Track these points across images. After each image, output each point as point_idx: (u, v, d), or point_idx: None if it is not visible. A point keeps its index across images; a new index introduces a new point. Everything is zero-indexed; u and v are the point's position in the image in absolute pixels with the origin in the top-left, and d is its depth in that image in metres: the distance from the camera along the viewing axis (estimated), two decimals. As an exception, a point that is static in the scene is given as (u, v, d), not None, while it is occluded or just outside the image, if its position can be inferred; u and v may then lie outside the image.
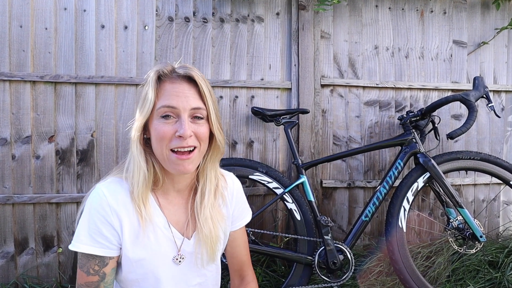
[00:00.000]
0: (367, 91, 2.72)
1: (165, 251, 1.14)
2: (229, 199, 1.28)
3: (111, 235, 1.08)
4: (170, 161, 1.07)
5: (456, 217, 2.29)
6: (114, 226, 1.08)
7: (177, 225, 1.17)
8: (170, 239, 1.15)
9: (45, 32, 2.26)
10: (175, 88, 1.06)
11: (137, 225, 1.10)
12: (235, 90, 2.52)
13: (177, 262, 1.16)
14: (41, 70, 2.26)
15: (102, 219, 1.06)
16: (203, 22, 2.48)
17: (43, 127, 2.27)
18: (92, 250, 1.06)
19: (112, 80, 2.33)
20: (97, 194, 1.08)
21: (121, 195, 1.09)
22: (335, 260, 2.14)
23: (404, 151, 2.31)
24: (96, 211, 1.06)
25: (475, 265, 2.53)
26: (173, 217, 1.17)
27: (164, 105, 1.04)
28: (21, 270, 2.27)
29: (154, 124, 1.07)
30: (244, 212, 1.36)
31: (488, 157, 2.37)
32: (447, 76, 2.83)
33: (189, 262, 1.18)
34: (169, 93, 1.06)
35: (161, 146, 1.06)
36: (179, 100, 1.05)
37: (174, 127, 1.05)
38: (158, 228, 1.13)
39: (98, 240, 1.06)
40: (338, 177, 2.69)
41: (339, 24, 2.67)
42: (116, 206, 1.07)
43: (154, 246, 1.12)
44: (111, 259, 1.10)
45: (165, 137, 1.04)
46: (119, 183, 1.11)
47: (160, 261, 1.14)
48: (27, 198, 2.23)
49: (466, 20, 2.85)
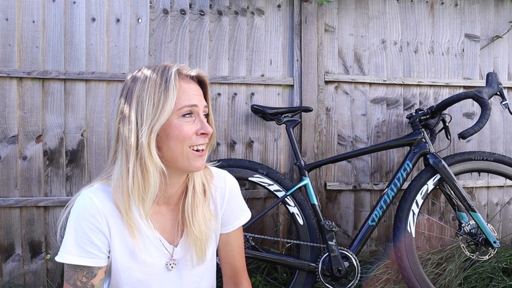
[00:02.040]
0: (373, 88, 2.71)
1: (155, 260, 1.16)
2: (219, 199, 1.30)
3: (101, 243, 1.09)
4: (190, 158, 1.10)
5: (468, 221, 2.29)
6: (104, 233, 1.09)
7: (164, 233, 1.20)
8: (159, 248, 1.17)
9: (32, 25, 2.26)
10: (191, 88, 1.12)
11: (125, 234, 1.11)
12: (234, 86, 2.52)
13: (170, 268, 1.19)
14: (28, 66, 2.26)
15: (91, 226, 1.07)
16: (200, 15, 2.48)
17: (30, 126, 2.27)
18: (81, 261, 1.06)
19: (104, 76, 2.32)
20: (84, 200, 1.08)
21: (108, 202, 1.10)
22: (340, 267, 2.14)
23: (413, 151, 2.30)
24: (84, 218, 1.07)
25: (488, 272, 2.51)
26: (160, 225, 1.19)
27: (188, 104, 1.09)
28: (7, 277, 2.26)
29: (174, 124, 1.08)
30: (238, 214, 1.36)
31: (502, 158, 2.36)
32: (458, 72, 2.83)
33: (179, 267, 1.21)
34: (187, 92, 1.10)
35: (182, 145, 1.09)
36: (197, 99, 1.12)
37: (194, 125, 1.10)
38: (146, 238, 1.15)
39: (87, 250, 1.07)
40: (343, 179, 2.69)
41: (344, 17, 2.68)
42: (106, 213, 1.09)
43: (143, 256, 1.14)
44: (100, 269, 1.10)
45: (188, 136, 1.09)
46: (106, 190, 1.12)
47: (150, 270, 1.16)
48: (13, 202, 2.23)
49: (479, 12, 2.85)
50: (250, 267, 2.44)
